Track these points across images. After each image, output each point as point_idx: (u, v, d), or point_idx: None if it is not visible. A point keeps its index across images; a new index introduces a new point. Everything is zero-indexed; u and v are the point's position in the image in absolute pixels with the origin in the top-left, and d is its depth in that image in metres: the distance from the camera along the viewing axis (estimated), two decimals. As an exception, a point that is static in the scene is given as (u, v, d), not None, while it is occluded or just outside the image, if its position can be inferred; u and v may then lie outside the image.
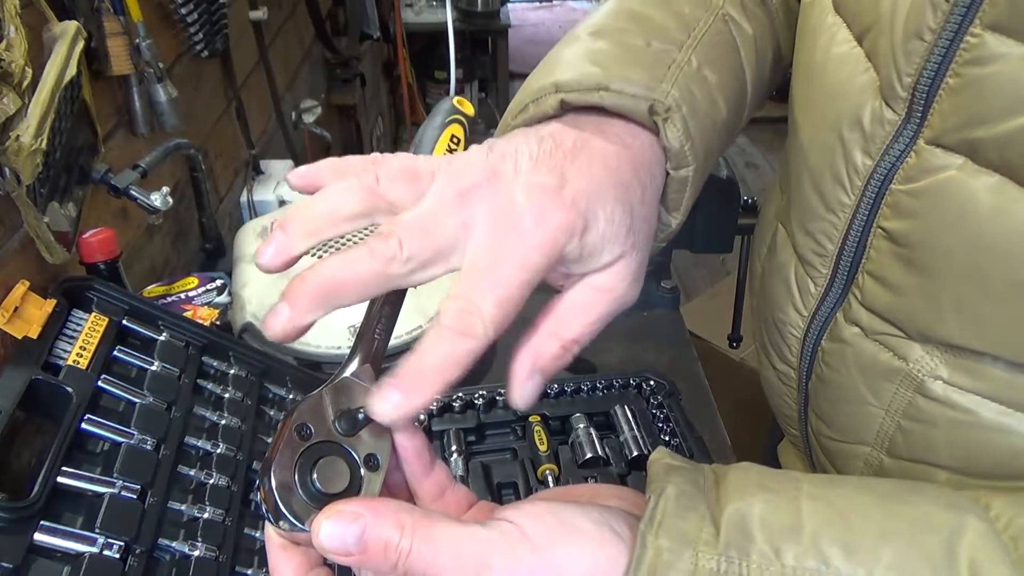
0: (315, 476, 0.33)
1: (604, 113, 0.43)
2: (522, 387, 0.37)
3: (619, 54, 0.45)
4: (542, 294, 0.38)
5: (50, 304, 0.66)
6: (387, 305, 0.39)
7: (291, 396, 0.78)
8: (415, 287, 0.37)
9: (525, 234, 0.35)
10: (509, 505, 0.35)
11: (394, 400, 0.33)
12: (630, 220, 0.39)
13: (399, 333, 0.86)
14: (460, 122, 0.55)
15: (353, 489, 0.34)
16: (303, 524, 0.32)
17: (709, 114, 0.47)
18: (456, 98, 0.56)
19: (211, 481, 0.64)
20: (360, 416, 0.36)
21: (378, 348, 0.39)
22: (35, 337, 0.63)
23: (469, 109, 0.57)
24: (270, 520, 0.33)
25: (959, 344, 0.46)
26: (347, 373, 0.37)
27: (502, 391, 0.82)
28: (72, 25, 0.77)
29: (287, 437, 0.34)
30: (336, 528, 0.32)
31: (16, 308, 0.64)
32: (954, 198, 0.43)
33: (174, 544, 0.58)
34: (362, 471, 0.35)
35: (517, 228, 0.35)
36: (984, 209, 0.41)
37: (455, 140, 0.54)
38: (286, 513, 0.32)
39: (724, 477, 0.36)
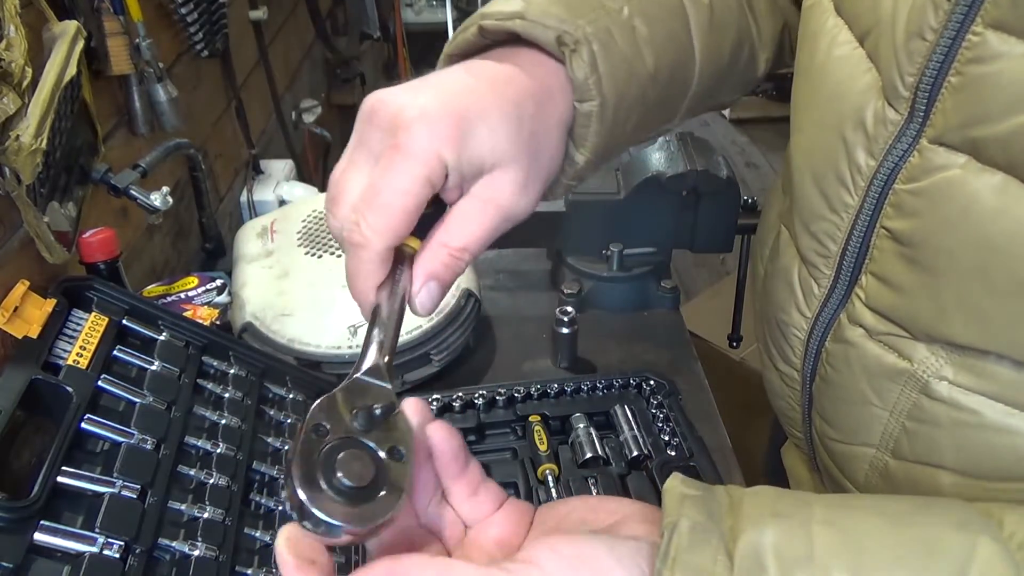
0: (339, 472, 0.33)
1: (520, 44, 0.45)
2: (418, 295, 0.40)
3: None
4: (541, 292, 0.39)
5: (50, 304, 0.66)
6: (392, 307, 0.40)
7: (291, 396, 0.78)
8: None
9: (404, 148, 0.38)
10: (534, 542, 0.35)
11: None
12: (515, 132, 0.41)
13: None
14: None
15: (380, 481, 0.34)
16: (332, 519, 0.32)
17: (628, 59, 0.48)
18: None
19: (211, 481, 0.64)
20: (377, 412, 0.36)
21: (388, 347, 0.39)
22: (35, 337, 0.63)
23: None
24: (295, 519, 0.32)
25: (964, 343, 0.46)
26: (359, 374, 0.38)
27: (502, 390, 0.82)
28: (72, 25, 0.77)
29: (304, 437, 0.33)
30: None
31: (16, 308, 0.64)
32: (957, 197, 0.43)
33: (174, 544, 0.58)
34: (387, 462, 0.35)
35: (399, 143, 0.38)
36: (988, 207, 0.41)
37: None
38: (313, 511, 0.32)
39: (739, 504, 0.36)
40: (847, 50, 0.49)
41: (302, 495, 0.32)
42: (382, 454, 0.35)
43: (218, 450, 0.66)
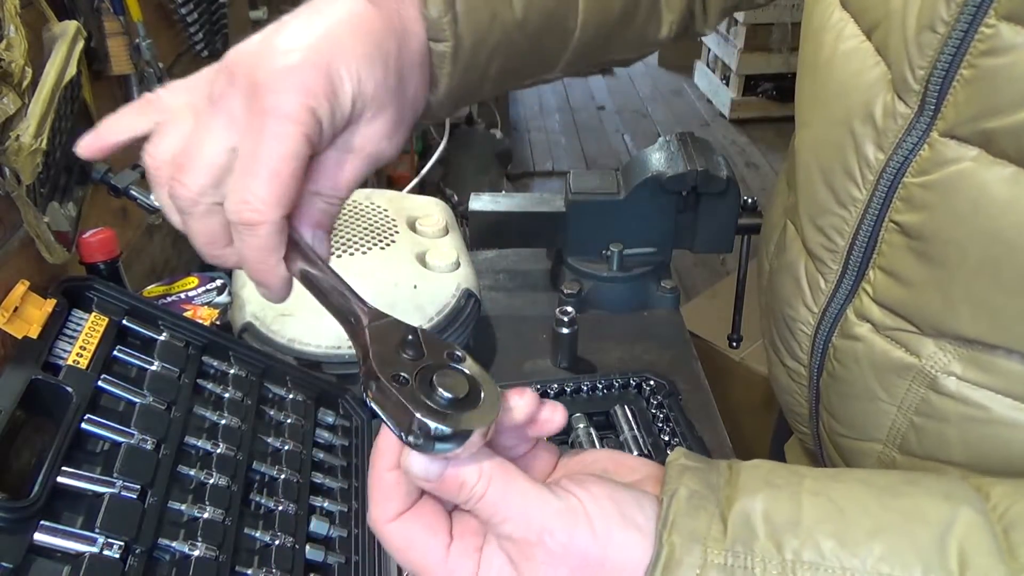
0: (439, 388, 0.34)
1: None
2: (310, 245, 0.39)
3: None
4: (541, 292, 0.39)
5: (50, 304, 0.66)
6: (319, 261, 0.41)
7: (291, 396, 0.78)
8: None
9: (275, 110, 0.36)
10: (574, 480, 0.37)
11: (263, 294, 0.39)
12: (382, 76, 0.40)
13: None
14: None
15: (475, 394, 0.35)
16: (444, 425, 0.33)
17: (490, 5, 0.47)
18: None
19: (211, 481, 0.64)
20: (412, 338, 0.37)
21: (357, 295, 0.41)
22: (35, 337, 0.63)
23: None
24: (404, 438, 0.34)
25: (972, 338, 0.46)
26: (367, 326, 0.38)
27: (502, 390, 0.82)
28: (72, 25, 0.77)
29: (397, 389, 0.34)
30: (423, 457, 0.34)
31: (16, 308, 0.64)
32: (968, 190, 0.43)
33: (174, 544, 0.58)
34: (462, 369, 0.36)
35: (267, 106, 0.37)
36: (998, 200, 0.41)
37: None
38: (423, 420, 0.33)
39: (737, 476, 0.37)
40: (854, 44, 0.49)
41: (411, 408, 0.33)
42: (454, 365, 0.36)
43: (218, 450, 0.66)
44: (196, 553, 0.58)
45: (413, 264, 0.91)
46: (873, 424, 0.53)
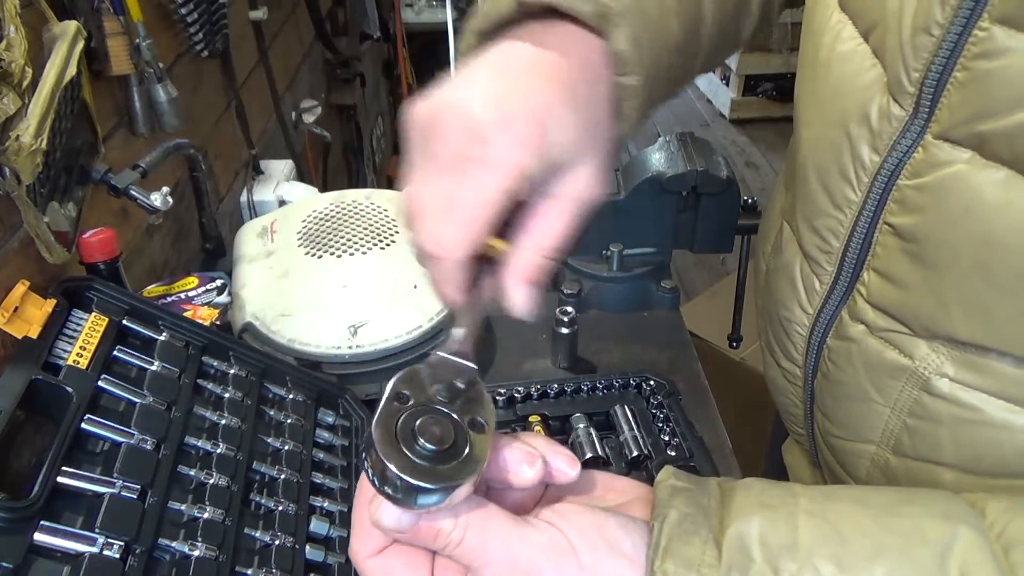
0: (419, 436, 0.33)
1: (554, 17, 0.43)
2: (517, 300, 0.38)
3: None
4: (541, 292, 0.39)
5: (50, 304, 0.66)
6: (475, 300, 0.40)
7: (291, 396, 0.78)
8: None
9: (485, 159, 0.36)
10: (555, 509, 0.36)
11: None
12: (582, 123, 0.40)
13: (399, 333, 0.87)
14: None
15: (460, 447, 0.34)
16: (411, 478, 0.32)
17: (661, 31, 0.47)
18: None
19: (211, 481, 0.64)
20: (459, 384, 0.36)
21: (470, 334, 0.40)
22: (35, 337, 0.63)
23: None
24: (377, 485, 0.33)
25: (965, 340, 0.46)
26: (441, 352, 0.38)
27: (502, 391, 0.82)
28: (72, 25, 0.77)
29: (386, 404, 0.34)
30: (394, 510, 0.33)
31: (16, 308, 0.64)
32: (961, 192, 0.43)
33: (174, 544, 0.58)
34: (469, 433, 0.35)
35: (481, 158, 0.37)
36: (991, 203, 0.41)
37: None
38: (393, 471, 0.32)
39: (730, 496, 0.37)
40: (852, 46, 0.49)
41: (384, 460, 0.32)
42: (462, 423, 0.35)
43: (218, 450, 0.66)
44: (196, 553, 0.58)
45: (413, 264, 0.91)
46: (866, 425, 0.54)
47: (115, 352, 0.67)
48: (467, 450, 0.34)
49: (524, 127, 0.37)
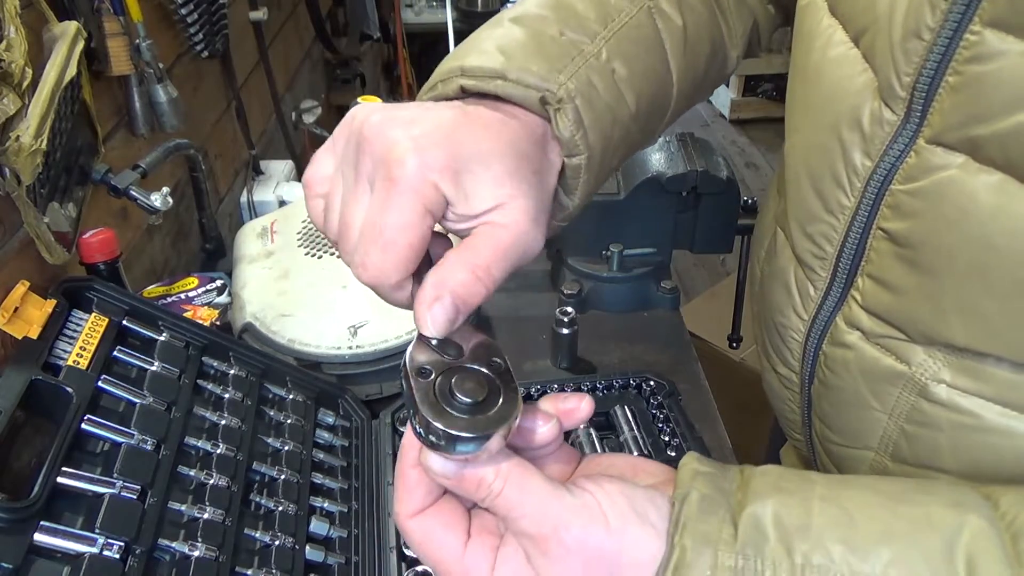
0: (457, 394, 0.36)
1: (502, 100, 0.44)
2: (430, 311, 0.38)
3: (528, 43, 0.46)
4: (541, 292, 0.39)
5: (50, 304, 0.66)
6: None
7: (291, 396, 0.78)
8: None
9: (399, 180, 0.37)
10: (590, 478, 0.38)
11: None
12: (516, 168, 0.40)
13: (399, 334, 0.87)
14: None
15: (494, 397, 0.37)
16: (457, 430, 0.34)
17: (611, 107, 0.47)
18: (361, 97, 0.57)
19: (211, 481, 0.64)
20: (463, 339, 0.39)
21: None
22: (35, 337, 0.63)
23: (375, 99, 0.57)
24: (422, 438, 0.35)
25: (962, 345, 0.46)
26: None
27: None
28: (72, 25, 0.77)
29: (414, 383, 0.36)
30: (442, 456, 0.36)
31: (16, 308, 0.64)
32: (955, 197, 0.43)
33: (174, 544, 0.58)
34: (492, 376, 0.38)
35: (394, 176, 0.38)
36: (985, 207, 0.41)
37: None
38: (452, 431, 0.34)
39: (749, 480, 0.38)
40: (842, 50, 0.49)
41: (437, 423, 0.35)
42: (485, 370, 0.38)
43: (218, 451, 0.66)
44: (196, 553, 0.58)
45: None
46: (864, 432, 0.53)
47: (115, 352, 0.67)
48: (500, 401, 0.37)
49: (437, 152, 0.38)
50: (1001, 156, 0.40)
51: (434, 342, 0.39)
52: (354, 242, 0.39)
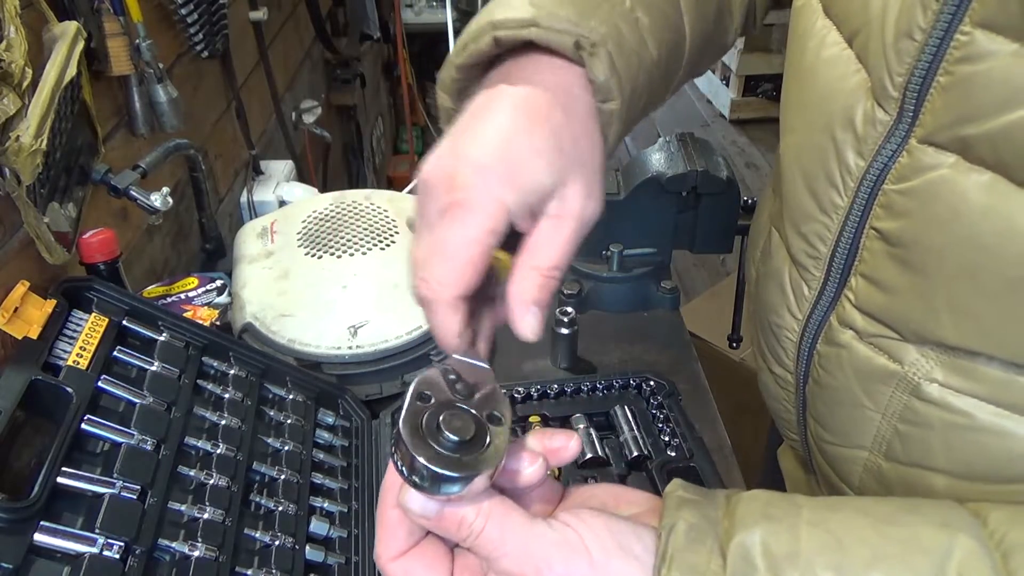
0: (444, 429, 0.36)
1: (532, 50, 0.45)
2: (522, 322, 0.40)
3: None
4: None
5: (50, 304, 0.66)
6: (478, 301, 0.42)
7: (291, 397, 0.78)
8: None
9: (463, 202, 0.38)
10: (571, 511, 0.38)
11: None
12: (559, 147, 0.41)
13: (399, 333, 0.87)
14: None
15: (480, 438, 0.36)
16: (438, 468, 0.34)
17: (637, 52, 0.48)
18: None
19: (211, 481, 0.64)
20: (475, 383, 0.39)
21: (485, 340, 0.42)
22: (35, 337, 0.63)
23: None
24: (405, 476, 0.35)
25: (954, 344, 0.46)
26: (456, 354, 0.40)
27: (502, 391, 0.82)
28: (72, 25, 0.77)
29: (410, 404, 0.36)
30: (421, 495, 0.35)
31: (16, 308, 0.64)
32: (947, 196, 0.43)
33: (174, 544, 0.58)
34: (488, 427, 0.37)
35: (458, 199, 0.39)
36: (977, 207, 0.42)
37: None
38: (421, 462, 0.34)
39: (735, 508, 0.38)
40: (836, 51, 0.50)
41: (412, 452, 0.34)
42: (481, 417, 0.38)
43: (218, 451, 0.66)
44: (196, 553, 0.58)
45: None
46: (858, 431, 0.54)
47: (115, 352, 0.67)
48: (487, 442, 0.36)
49: (499, 167, 0.39)
50: (992, 156, 0.40)
51: (451, 376, 0.39)
52: (417, 267, 0.39)
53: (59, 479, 0.55)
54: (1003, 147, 0.40)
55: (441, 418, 0.36)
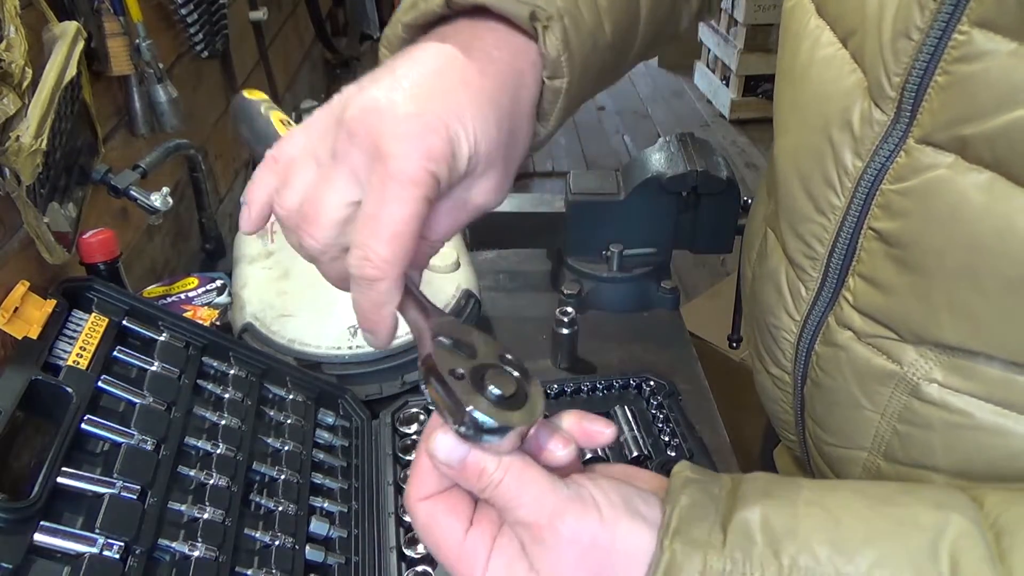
0: (491, 388, 0.37)
1: (485, 16, 0.43)
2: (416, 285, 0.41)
3: None
4: (541, 293, 0.40)
5: (50, 304, 0.66)
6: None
7: (291, 397, 0.78)
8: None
9: (399, 174, 0.37)
10: (585, 474, 0.40)
11: (368, 339, 0.40)
12: (495, 134, 0.40)
13: (399, 333, 0.86)
14: (272, 107, 0.53)
15: (522, 392, 0.38)
16: (488, 418, 0.36)
17: (592, 33, 0.47)
18: (246, 91, 0.54)
19: (211, 481, 0.64)
20: (475, 341, 0.40)
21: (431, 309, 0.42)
22: (35, 337, 0.63)
23: (262, 95, 0.55)
24: (451, 423, 0.36)
25: (953, 344, 0.46)
26: (432, 332, 0.40)
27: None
28: (72, 25, 0.77)
29: (451, 384, 0.36)
30: (449, 443, 0.37)
31: (16, 308, 0.64)
32: (945, 196, 0.43)
33: (174, 544, 0.58)
34: (528, 386, 0.39)
35: (392, 171, 0.37)
36: (975, 206, 0.42)
37: (284, 122, 0.53)
38: (473, 412, 0.35)
39: (738, 487, 0.39)
40: (831, 51, 0.49)
41: (462, 400, 0.36)
42: (512, 370, 0.39)
43: (218, 451, 0.66)
44: (196, 553, 0.58)
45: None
46: (857, 432, 0.54)
47: (115, 352, 0.67)
48: (527, 401, 0.38)
49: (434, 138, 0.38)
50: (990, 155, 0.40)
51: (447, 343, 0.39)
52: (329, 228, 0.39)
53: (59, 479, 0.55)
54: (1001, 146, 0.40)
55: (487, 375, 0.37)
